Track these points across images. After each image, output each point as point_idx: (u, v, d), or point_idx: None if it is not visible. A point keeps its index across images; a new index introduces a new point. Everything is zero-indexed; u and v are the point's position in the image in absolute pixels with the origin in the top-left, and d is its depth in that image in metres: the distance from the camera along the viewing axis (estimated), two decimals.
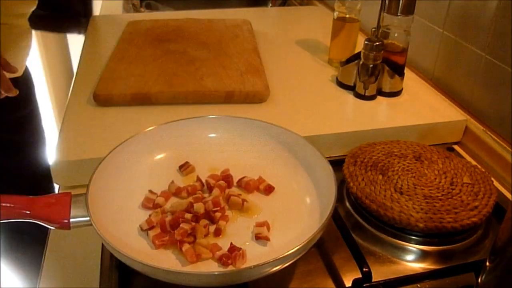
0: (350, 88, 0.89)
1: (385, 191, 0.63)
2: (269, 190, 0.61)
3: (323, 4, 1.46)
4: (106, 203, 0.55)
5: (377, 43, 0.82)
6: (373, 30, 0.86)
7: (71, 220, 0.51)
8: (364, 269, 0.53)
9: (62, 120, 0.79)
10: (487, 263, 0.47)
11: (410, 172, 0.66)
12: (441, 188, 0.63)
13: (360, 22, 0.97)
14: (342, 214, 0.64)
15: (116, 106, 0.82)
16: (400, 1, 0.81)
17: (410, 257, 0.59)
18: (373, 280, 0.53)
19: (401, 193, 0.62)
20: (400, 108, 0.84)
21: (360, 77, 0.85)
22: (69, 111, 0.82)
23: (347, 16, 0.95)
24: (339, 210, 0.64)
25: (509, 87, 0.73)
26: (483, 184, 0.64)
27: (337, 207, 0.64)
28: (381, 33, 0.85)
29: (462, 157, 0.76)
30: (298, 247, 0.47)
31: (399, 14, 0.82)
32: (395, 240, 0.60)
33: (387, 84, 0.86)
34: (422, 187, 0.63)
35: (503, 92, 0.74)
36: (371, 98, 0.86)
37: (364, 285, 0.53)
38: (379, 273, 0.55)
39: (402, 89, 0.88)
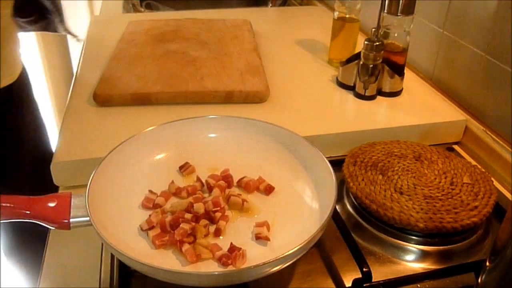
0: (350, 88, 0.89)
1: (385, 191, 0.63)
2: (269, 190, 0.61)
3: (323, 4, 1.46)
4: (106, 203, 0.55)
5: (377, 43, 0.82)
6: (373, 30, 0.86)
7: (71, 220, 0.51)
8: (364, 269, 0.53)
9: (62, 120, 0.79)
10: (487, 263, 0.47)
11: (410, 172, 0.66)
12: (441, 188, 0.63)
13: (360, 22, 0.97)
14: (342, 214, 0.64)
15: (116, 106, 0.82)
16: (400, 1, 0.81)
17: (410, 257, 0.59)
18: (373, 280, 0.53)
19: (401, 193, 0.62)
20: (400, 108, 0.84)
21: (360, 77, 0.85)
22: (69, 111, 0.82)
23: (347, 16, 0.95)
24: (339, 210, 0.64)
25: (509, 87, 0.73)
26: (483, 184, 0.64)
27: (337, 207, 0.64)
28: (381, 33, 0.85)
29: (462, 157, 0.76)
30: (298, 247, 0.47)
31: (399, 14, 0.82)
32: (395, 240, 0.60)
33: (387, 84, 0.86)
34: (422, 187, 0.63)
35: (503, 92, 0.74)
36: (371, 98, 0.86)
37: (364, 285, 0.53)
38: (379, 273, 0.55)
39: (402, 89, 0.88)
